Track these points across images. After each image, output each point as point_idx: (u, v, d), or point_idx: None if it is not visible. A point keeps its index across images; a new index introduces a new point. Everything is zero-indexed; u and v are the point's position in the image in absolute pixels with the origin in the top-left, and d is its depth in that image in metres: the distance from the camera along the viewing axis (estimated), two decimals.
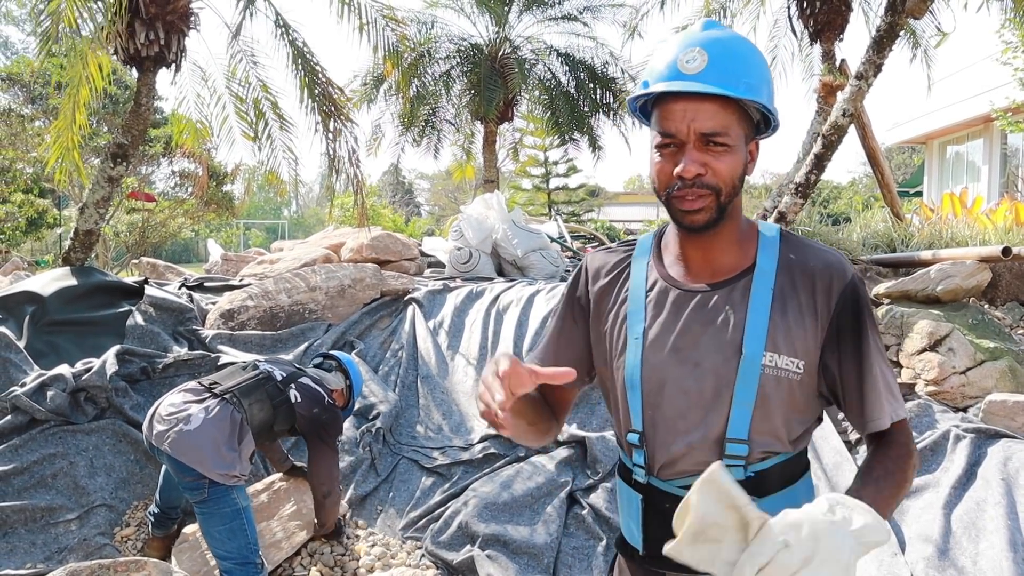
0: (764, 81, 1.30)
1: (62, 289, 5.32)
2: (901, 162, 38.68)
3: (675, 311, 1.37)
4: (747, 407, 1.30)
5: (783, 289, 1.33)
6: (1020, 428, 3.40)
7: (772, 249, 1.36)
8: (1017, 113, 10.61)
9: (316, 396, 3.54)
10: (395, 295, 5.75)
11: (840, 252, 1.36)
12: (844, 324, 1.31)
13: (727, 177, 1.28)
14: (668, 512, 1.32)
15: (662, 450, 1.36)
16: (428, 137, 16.30)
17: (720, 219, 1.31)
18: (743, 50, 1.31)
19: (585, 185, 35.16)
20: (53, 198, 16.88)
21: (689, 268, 1.40)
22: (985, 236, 5.08)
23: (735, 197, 1.32)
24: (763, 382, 1.30)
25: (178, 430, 3.08)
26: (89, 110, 6.52)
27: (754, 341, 1.30)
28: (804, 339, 1.31)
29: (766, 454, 1.33)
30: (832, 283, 1.31)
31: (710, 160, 1.27)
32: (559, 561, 3.55)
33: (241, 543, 3.15)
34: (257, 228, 37.66)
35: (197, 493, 3.11)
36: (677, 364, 1.35)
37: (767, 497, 1.32)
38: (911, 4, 6.21)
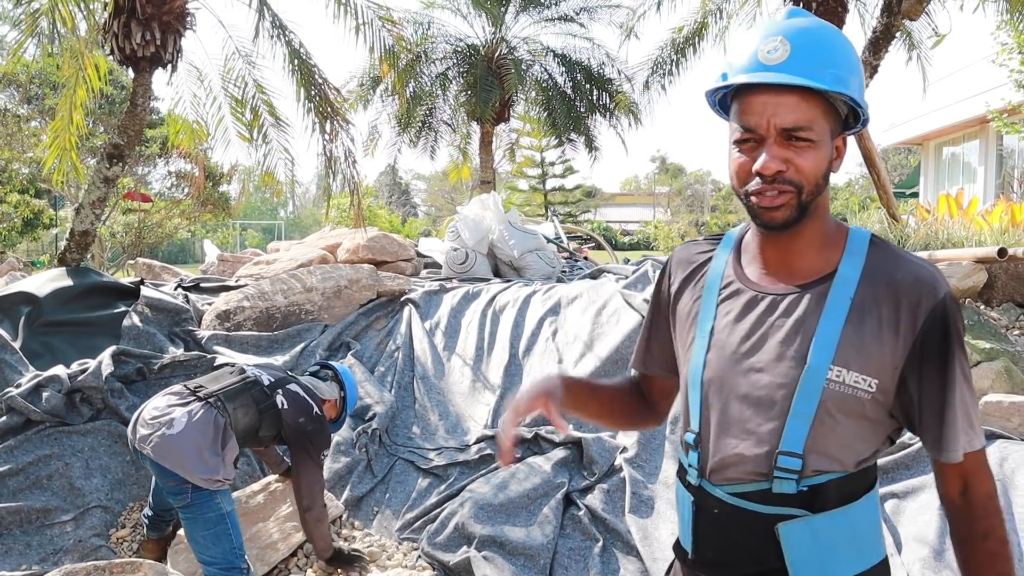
0: (852, 72, 1.22)
1: (58, 290, 5.31)
2: (897, 163, 38.77)
3: (744, 312, 1.32)
4: (805, 420, 1.23)
5: (863, 300, 1.24)
6: (1016, 429, 3.40)
7: (858, 257, 1.27)
8: (1013, 114, 10.64)
9: (303, 405, 3.45)
10: (391, 296, 5.75)
11: (935, 267, 1.26)
12: (929, 346, 1.21)
13: (810, 174, 1.20)
14: (717, 517, 1.31)
15: (715, 454, 1.31)
16: (425, 138, 16.32)
17: (800, 218, 1.24)
18: (830, 39, 1.23)
19: (581, 186, 35.25)
20: (49, 199, 16.86)
21: (766, 269, 1.33)
22: (981, 237, 5.09)
23: (818, 196, 1.24)
24: (826, 397, 1.22)
25: (160, 434, 3.03)
26: (86, 110, 6.51)
27: (821, 352, 1.22)
28: (880, 356, 1.22)
29: (822, 470, 1.25)
30: (921, 300, 1.21)
31: (792, 156, 1.19)
32: (555, 562, 3.55)
33: (226, 548, 3.10)
34: (253, 229, 37.62)
35: (180, 498, 3.07)
36: (738, 368, 1.30)
37: (823, 513, 1.25)
38: (907, 5, 6.23)
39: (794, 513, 1.25)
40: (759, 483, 1.26)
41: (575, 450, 4.09)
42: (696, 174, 48.93)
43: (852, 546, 1.27)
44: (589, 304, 5.05)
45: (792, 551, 1.25)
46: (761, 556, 1.28)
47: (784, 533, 1.25)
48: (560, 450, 4.09)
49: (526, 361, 4.86)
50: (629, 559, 3.52)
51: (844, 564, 1.26)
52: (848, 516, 1.26)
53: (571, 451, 4.08)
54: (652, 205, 50.41)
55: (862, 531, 1.28)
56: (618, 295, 5.00)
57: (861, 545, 1.28)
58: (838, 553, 1.26)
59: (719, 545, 1.32)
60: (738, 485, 1.28)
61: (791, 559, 1.25)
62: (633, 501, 3.75)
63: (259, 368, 3.56)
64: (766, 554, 1.27)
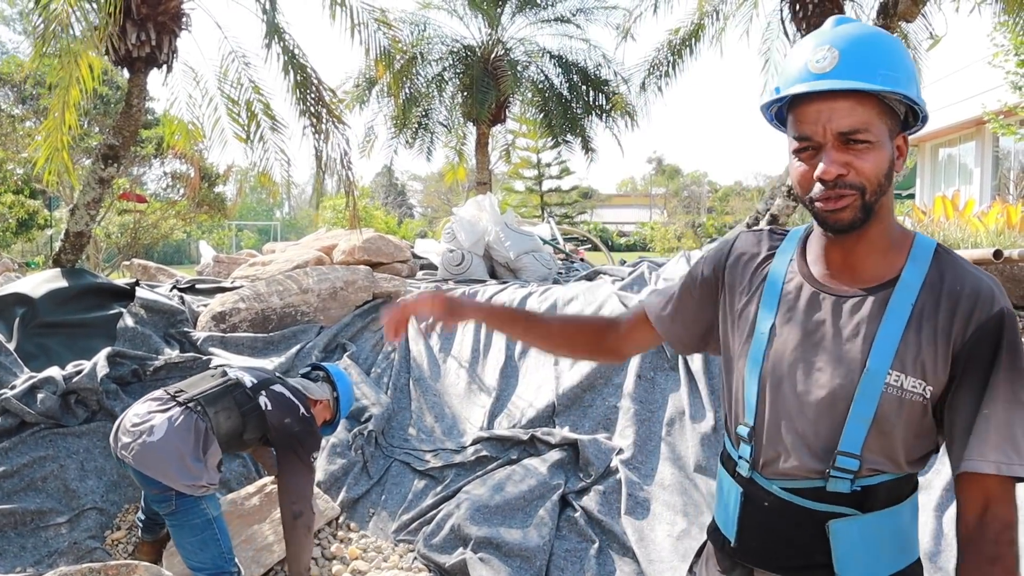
0: (904, 71, 1.23)
1: (53, 291, 5.29)
2: None
3: (807, 312, 1.33)
4: (864, 423, 1.25)
5: (924, 308, 1.25)
6: None
7: (922, 264, 1.28)
8: (1009, 116, 10.67)
9: (288, 405, 3.36)
10: (388, 297, 5.74)
11: (996, 282, 1.27)
12: (975, 357, 1.22)
13: (872, 175, 1.22)
14: (766, 510, 1.35)
15: (769, 448, 1.34)
16: (421, 139, 16.32)
17: (866, 219, 1.25)
18: (877, 41, 1.24)
19: (578, 187, 35.29)
20: (44, 199, 16.80)
21: (830, 270, 1.34)
22: (977, 239, 5.10)
23: (882, 196, 1.25)
24: (884, 400, 1.24)
25: (141, 442, 2.98)
26: (80, 111, 6.49)
27: (881, 357, 1.24)
28: (934, 363, 1.24)
29: (876, 471, 1.28)
30: (974, 311, 1.22)
31: (852, 159, 1.21)
32: (551, 564, 3.55)
33: (214, 553, 3.06)
34: (249, 230, 37.57)
35: (165, 505, 3.02)
36: (798, 366, 1.32)
37: (872, 513, 1.29)
38: (903, 7, 6.24)
39: (845, 512, 1.28)
40: (813, 480, 1.30)
41: (571, 452, 4.08)
42: (693, 175, 49.01)
43: (894, 545, 1.31)
44: (585, 306, 5.05)
45: (840, 548, 1.29)
46: (807, 551, 1.31)
47: (835, 531, 1.28)
48: (556, 452, 4.09)
49: (522, 363, 4.86)
50: (625, 561, 3.51)
51: (886, 563, 1.31)
52: (894, 517, 1.30)
53: (567, 453, 4.08)
54: (648, 206, 50.47)
55: (904, 532, 1.33)
56: (614, 297, 5.00)
57: (902, 545, 1.32)
58: (882, 552, 1.30)
59: (766, 537, 1.36)
60: (792, 481, 1.32)
61: (838, 556, 1.29)
62: (629, 503, 3.75)
63: (242, 369, 3.48)
64: (812, 549, 1.31)
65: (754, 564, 1.39)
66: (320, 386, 3.67)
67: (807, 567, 1.32)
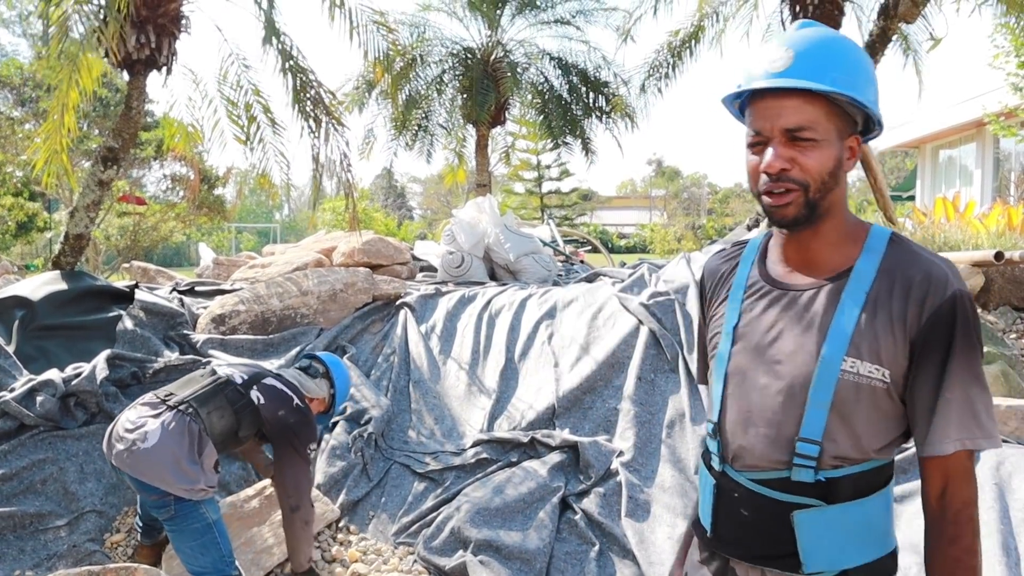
0: (860, 76, 1.29)
1: (52, 293, 5.29)
2: (894, 166, 38.87)
3: (765, 309, 1.40)
4: (822, 409, 1.30)
5: (878, 295, 1.30)
6: (1012, 432, 3.40)
7: (876, 253, 1.34)
8: (1009, 117, 10.67)
9: (281, 397, 3.33)
10: (387, 299, 5.74)
11: (951, 266, 1.31)
12: (932, 340, 1.26)
13: (815, 172, 1.28)
14: (737, 501, 1.41)
15: (735, 442, 1.41)
16: (421, 141, 16.31)
17: (812, 216, 1.31)
18: (834, 45, 1.30)
19: (578, 189, 35.29)
20: (43, 201, 16.79)
21: (788, 267, 1.41)
22: (978, 240, 5.10)
23: (829, 193, 1.31)
24: (840, 387, 1.29)
25: (135, 449, 2.94)
26: (79, 113, 6.48)
27: (835, 344, 1.30)
28: (891, 348, 1.28)
29: (840, 461, 1.32)
30: (928, 296, 1.27)
31: (796, 155, 1.27)
32: (552, 566, 3.54)
33: (215, 557, 3.03)
34: (249, 232, 37.56)
35: (164, 511, 2.99)
36: (758, 360, 1.38)
37: (837, 505, 1.32)
38: (903, 9, 6.24)
39: (810, 503, 1.33)
40: (779, 471, 1.35)
41: (571, 454, 4.08)
42: (692, 177, 49.02)
43: (863, 538, 1.34)
44: (585, 308, 5.05)
45: (805, 538, 1.33)
46: (775, 540, 1.36)
47: (799, 521, 1.33)
48: (556, 454, 4.08)
49: (522, 365, 4.85)
50: (625, 563, 3.50)
51: (854, 554, 1.34)
52: (862, 509, 1.33)
53: (567, 455, 4.07)
54: (648, 208, 50.47)
55: (874, 524, 1.36)
56: (614, 299, 4.99)
57: (872, 537, 1.36)
58: (849, 543, 1.33)
59: (736, 527, 1.42)
60: (759, 473, 1.37)
61: (803, 545, 1.33)
62: (629, 505, 3.74)
63: (232, 366, 3.45)
64: (780, 539, 1.35)
65: (728, 553, 1.44)
66: (318, 383, 3.65)
67: (776, 556, 1.37)
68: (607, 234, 37.96)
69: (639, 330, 4.63)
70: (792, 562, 1.35)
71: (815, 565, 1.34)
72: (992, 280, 4.50)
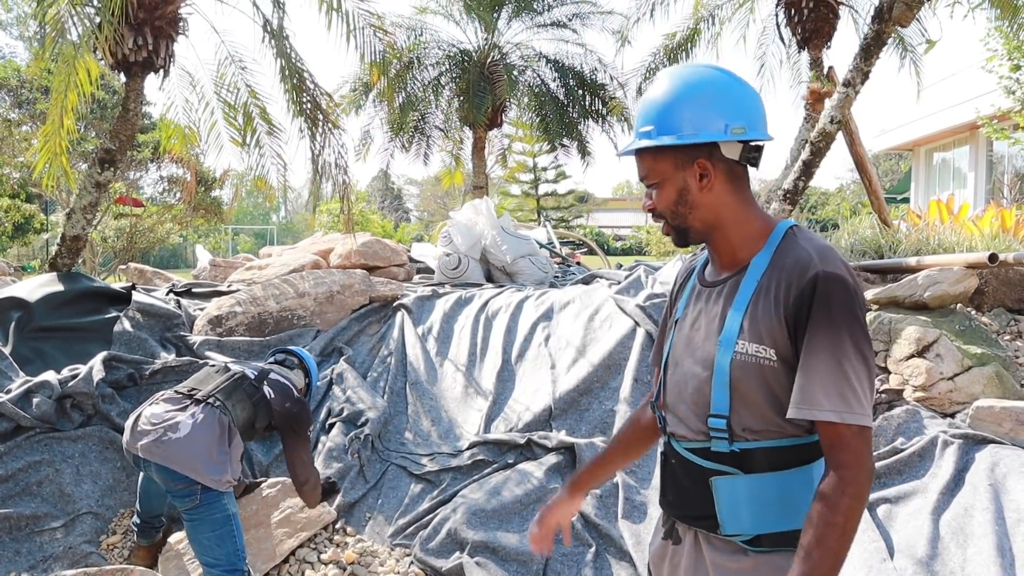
0: (688, 114, 1.50)
1: (48, 295, 5.28)
2: (888, 168, 38.95)
3: (694, 304, 1.64)
4: (724, 387, 1.50)
5: (766, 284, 1.49)
6: (1007, 434, 3.41)
7: (771, 247, 1.53)
8: (1003, 120, 10.70)
9: (286, 390, 3.54)
10: (384, 301, 5.74)
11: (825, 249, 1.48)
12: (799, 317, 1.43)
13: (664, 205, 1.57)
14: (674, 467, 1.63)
15: (672, 417, 1.64)
16: (417, 143, 16.31)
17: (685, 236, 1.58)
18: (660, 95, 1.54)
19: (574, 191, 35.28)
20: (40, 203, 16.77)
21: (714, 268, 1.64)
22: (972, 243, 5.11)
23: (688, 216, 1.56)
24: (735, 366, 1.48)
25: (167, 439, 3.04)
26: (77, 115, 6.48)
27: (729, 330, 1.50)
28: (773, 329, 1.45)
29: (751, 434, 1.50)
30: (793, 279, 1.44)
31: (652, 195, 1.58)
32: (548, 568, 3.54)
33: (230, 550, 3.11)
34: (246, 234, 37.51)
35: (189, 500, 3.07)
36: (685, 349, 1.62)
37: (753, 474, 1.50)
38: (898, 12, 6.26)
39: (727, 471, 1.51)
40: (702, 442, 1.56)
41: (568, 456, 4.08)
42: None
43: (779, 508, 1.49)
44: (582, 309, 5.06)
45: (721, 501, 1.52)
46: (701, 502, 1.56)
47: (716, 486, 1.53)
48: (553, 456, 4.09)
49: (519, 367, 4.86)
50: (622, 565, 3.51)
51: (768, 521, 1.49)
52: (778, 481, 1.49)
53: (563, 457, 4.08)
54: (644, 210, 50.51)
55: (792, 497, 1.49)
56: (611, 300, 5.00)
57: (789, 509, 1.49)
58: (765, 511, 1.49)
59: (675, 490, 1.64)
60: (689, 443, 1.59)
61: (720, 508, 1.52)
62: (626, 507, 3.75)
63: (238, 363, 3.63)
64: (704, 501, 1.55)
65: (672, 515, 1.67)
66: (296, 374, 3.86)
67: (701, 517, 1.56)
68: (603, 236, 37.96)
69: (635, 332, 4.64)
70: (713, 523, 1.54)
71: (732, 527, 1.51)
72: (986, 282, 4.52)
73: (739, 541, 1.51)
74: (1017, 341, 4.24)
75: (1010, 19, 8.56)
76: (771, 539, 1.49)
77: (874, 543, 3.06)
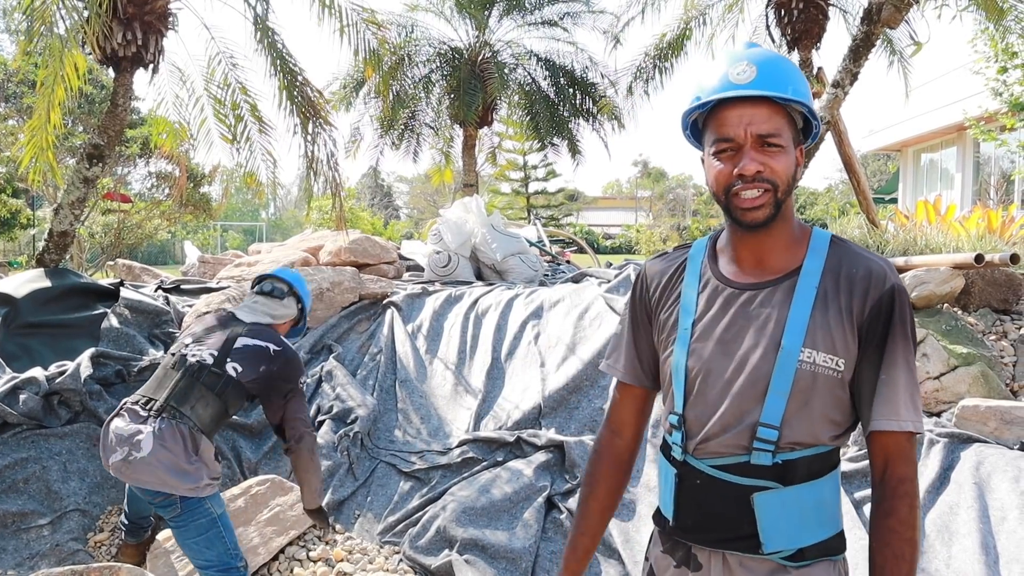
0: (806, 89, 1.42)
1: (36, 291, 5.25)
2: (876, 169, 39.18)
3: (723, 307, 1.48)
4: (782, 396, 1.39)
5: (826, 291, 1.41)
6: (992, 433, 3.45)
7: (821, 253, 1.45)
8: (990, 122, 10.78)
9: (257, 354, 3.21)
10: (374, 299, 5.73)
11: (888, 262, 1.44)
12: (874, 329, 1.39)
13: (783, 175, 1.39)
14: (698, 487, 1.48)
15: (698, 431, 1.48)
16: (407, 140, 16.29)
17: (776, 215, 1.41)
18: (785, 62, 1.44)
19: (564, 189, 35.30)
20: (26, 198, 16.64)
21: (741, 268, 1.50)
22: (958, 243, 5.15)
23: (788, 196, 1.42)
24: (799, 376, 1.39)
25: (133, 459, 2.91)
26: (64, 110, 6.44)
27: (793, 337, 1.39)
28: (843, 339, 1.39)
29: (796, 445, 1.41)
30: (870, 289, 1.39)
31: (767, 159, 1.38)
32: (537, 566, 3.55)
33: (220, 551, 3.05)
34: (235, 230, 37.38)
35: (171, 509, 2.99)
36: (721, 355, 1.46)
37: (792, 486, 1.42)
38: (887, 14, 6.30)
39: (768, 485, 1.42)
40: (739, 456, 1.44)
41: (557, 454, 4.09)
42: (678, 178, 49.16)
43: (816, 518, 1.44)
44: (571, 308, 5.07)
45: (764, 519, 1.42)
46: (735, 523, 1.44)
47: (759, 502, 1.42)
48: (542, 454, 4.10)
49: (508, 364, 4.87)
50: (610, 563, 3.53)
51: (808, 533, 1.43)
52: (814, 490, 1.43)
53: (553, 455, 4.09)
54: (634, 209, 50.58)
55: (825, 505, 1.45)
56: (600, 299, 5.01)
57: (824, 517, 1.45)
58: (804, 523, 1.43)
59: (699, 513, 1.49)
60: (719, 459, 1.45)
61: (763, 526, 1.42)
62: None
63: (199, 345, 3.25)
64: (740, 521, 1.43)
65: (691, 540, 1.51)
66: (287, 303, 3.54)
67: (736, 538, 1.45)
68: (593, 234, 38.01)
69: None
70: (752, 543, 1.43)
71: (774, 544, 1.42)
72: (972, 282, 4.56)
73: (779, 559, 1.43)
74: (1002, 341, 4.28)
75: (995, 21, 8.62)
76: (813, 550, 1.44)
77: (860, 541, 3.08)
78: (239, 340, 3.26)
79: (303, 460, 3.29)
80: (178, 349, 3.29)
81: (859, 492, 3.38)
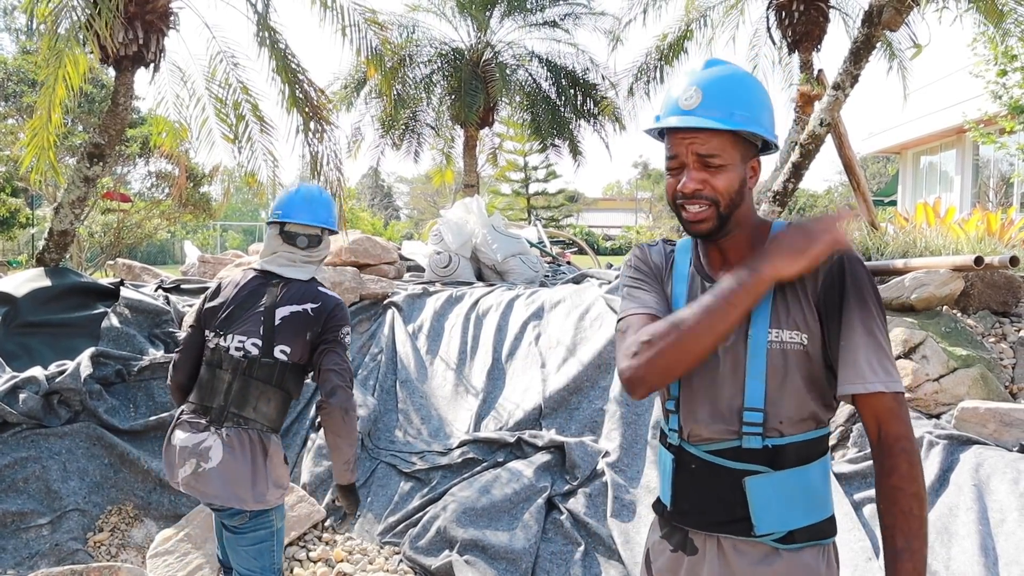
0: (758, 109, 1.50)
1: (36, 290, 5.25)
2: (876, 171, 39.19)
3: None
4: (759, 379, 1.48)
5: None
6: (991, 435, 3.45)
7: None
8: (989, 125, 10.78)
9: (297, 322, 2.87)
10: (374, 299, 5.74)
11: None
12: (830, 301, 1.46)
13: (725, 191, 1.48)
14: (693, 472, 1.56)
15: (689, 418, 1.56)
16: (408, 141, 16.28)
17: (723, 227, 1.51)
18: (736, 85, 1.51)
19: (564, 190, 35.30)
20: (26, 197, 16.63)
21: (713, 265, 1.60)
22: (958, 246, 5.15)
23: (736, 209, 1.51)
24: (771, 356, 1.47)
25: (202, 470, 2.72)
26: (65, 109, 6.44)
27: (759, 321, 1.48)
28: (802, 315, 1.47)
29: (789, 427, 1.49)
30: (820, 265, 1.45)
31: (708, 177, 1.48)
32: (537, 566, 3.56)
33: (266, 563, 2.88)
34: (234, 230, 37.36)
35: (238, 518, 2.81)
36: None
37: (782, 471, 1.48)
38: (887, 17, 6.31)
39: (759, 469, 1.48)
40: (730, 441, 1.51)
41: (557, 455, 4.10)
42: None
43: (806, 501, 1.50)
44: (572, 309, 5.07)
45: (756, 502, 1.49)
46: (730, 506, 1.51)
47: (750, 486, 1.49)
48: (543, 454, 4.10)
49: (509, 365, 4.87)
50: (611, 563, 3.53)
51: (798, 516, 1.49)
52: (804, 475, 1.50)
53: (553, 456, 4.09)
54: (634, 210, 50.60)
55: (815, 489, 1.52)
56: (601, 300, 5.02)
57: (814, 502, 1.51)
58: (794, 506, 1.49)
59: (694, 497, 1.56)
60: (713, 444, 1.53)
61: (754, 508, 1.49)
62: (615, 505, 3.77)
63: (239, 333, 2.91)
64: (734, 504, 1.50)
65: (688, 525, 1.58)
66: (323, 245, 3.08)
67: (730, 521, 1.51)
68: (593, 235, 38.00)
69: None
70: (745, 526, 1.50)
71: (765, 526, 1.48)
72: (972, 285, 4.56)
73: (770, 541, 1.50)
74: (1002, 343, 4.28)
75: (995, 24, 8.63)
76: (803, 533, 1.50)
77: (860, 542, 3.09)
78: (277, 313, 2.91)
79: (334, 422, 2.82)
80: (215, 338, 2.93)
81: (859, 493, 3.39)
